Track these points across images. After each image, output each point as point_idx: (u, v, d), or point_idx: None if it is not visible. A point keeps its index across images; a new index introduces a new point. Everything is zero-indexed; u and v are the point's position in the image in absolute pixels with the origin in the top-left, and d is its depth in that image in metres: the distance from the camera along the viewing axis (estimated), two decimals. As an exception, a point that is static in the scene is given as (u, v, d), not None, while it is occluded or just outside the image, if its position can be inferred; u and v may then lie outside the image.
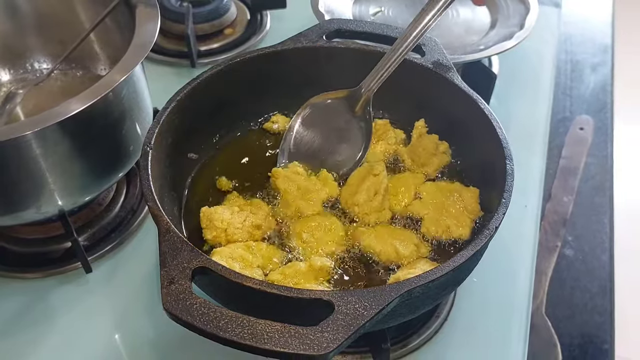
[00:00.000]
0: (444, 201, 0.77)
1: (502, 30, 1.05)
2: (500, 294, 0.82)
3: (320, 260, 0.69)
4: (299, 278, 0.67)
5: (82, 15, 0.86)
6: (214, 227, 0.73)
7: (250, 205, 0.77)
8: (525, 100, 1.09)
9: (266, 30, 1.23)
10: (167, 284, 0.58)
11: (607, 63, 1.34)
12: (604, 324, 0.92)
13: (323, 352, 0.53)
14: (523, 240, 0.88)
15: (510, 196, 0.67)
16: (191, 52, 1.12)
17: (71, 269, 0.84)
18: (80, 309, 0.81)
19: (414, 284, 0.58)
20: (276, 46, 0.84)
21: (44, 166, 0.71)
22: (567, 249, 1.01)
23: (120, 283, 0.84)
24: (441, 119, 0.82)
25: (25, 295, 0.82)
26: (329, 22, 0.87)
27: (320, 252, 0.72)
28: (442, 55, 0.82)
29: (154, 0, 0.80)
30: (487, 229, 0.63)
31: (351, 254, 0.74)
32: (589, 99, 1.26)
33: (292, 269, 0.68)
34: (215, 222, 0.73)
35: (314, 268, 0.68)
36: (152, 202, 0.65)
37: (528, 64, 1.16)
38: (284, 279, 0.67)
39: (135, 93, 0.78)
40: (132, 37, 0.76)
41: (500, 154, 0.71)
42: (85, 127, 0.71)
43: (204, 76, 0.80)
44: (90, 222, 0.88)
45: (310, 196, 0.77)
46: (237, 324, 0.55)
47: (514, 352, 0.77)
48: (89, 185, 0.78)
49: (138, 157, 0.83)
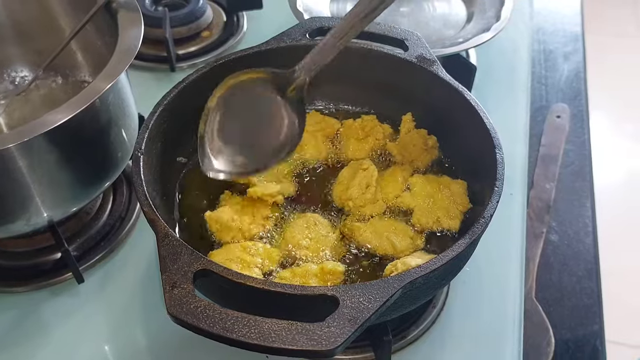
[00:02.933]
0: (433, 193, 0.78)
1: (478, 23, 1.07)
2: (492, 281, 0.84)
3: (333, 264, 0.70)
4: (307, 278, 0.67)
5: (62, 22, 0.85)
6: (228, 228, 0.73)
7: (249, 200, 0.77)
8: (504, 91, 1.11)
9: (243, 31, 1.23)
10: (170, 288, 0.58)
11: (578, 51, 1.37)
12: (592, 306, 0.94)
13: (331, 346, 0.54)
14: (511, 228, 0.90)
15: (502, 184, 0.68)
16: (170, 57, 1.11)
17: (62, 280, 0.83)
18: (74, 320, 0.80)
19: (416, 275, 0.59)
20: (260, 46, 0.84)
21: (32, 177, 0.70)
22: (552, 235, 1.03)
23: (112, 292, 0.83)
24: (427, 112, 0.83)
25: (17, 309, 0.80)
26: (311, 21, 0.87)
27: (320, 254, 0.73)
28: (425, 49, 0.83)
29: (136, 5, 0.79)
30: (483, 217, 0.65)
31: (349, 249, 0.74)
32: (563, 87, 1.28)
33: (303, 269, 0.69)
34: (228, 222, 0.73)
35: (325, 270, 0.69)
36: (147, 208, 0.65)
37: (504, 55, 1.17)
38: (293, 277, 0.67)
39: (120, 99, 0.78)
40: (114, 43, 0.75)
41: (489, 143, 0.73)
42: (73, 135, 0.70)
43: (190, 79, 0.79)
44: (79, 231, 0.87)
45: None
46: (243, 324, 0.55)
47: (510, 337, 0.78)
48: (79, 195, 0.77)
49: (126, 163, 0.83)
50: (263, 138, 0.71)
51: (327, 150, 0.85)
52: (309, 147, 0.84)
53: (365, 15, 0.65)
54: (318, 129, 0.86)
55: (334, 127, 0.86)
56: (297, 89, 0.69)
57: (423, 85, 0.82)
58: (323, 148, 0.85)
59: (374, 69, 0.85)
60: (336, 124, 0.87)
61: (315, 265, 0.69)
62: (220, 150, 0.70)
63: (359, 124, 0.85)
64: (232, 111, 0.71)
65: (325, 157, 0.85)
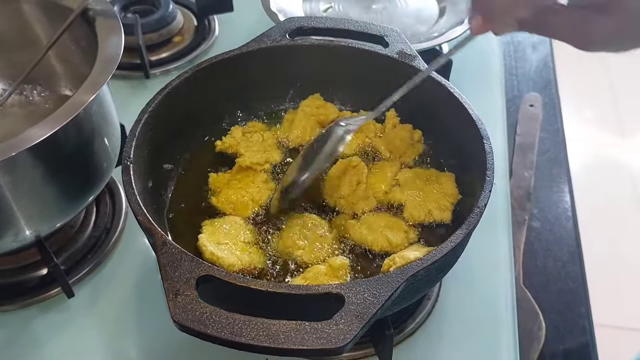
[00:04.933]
0: (423, 187, 0.79)
1: (451, 17, 1.08)
2: (483, 270, 0.85)
3: (339, 259, 0.70)
4: (321, 280, 0.67)
5: (38, 33, 0.82)
6: (241, 203, 0.78)
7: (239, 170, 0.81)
8: (479, 83, 1.13)
9: (215, 35, 1.22)
10: (173, 296, 0.57)
11: (545, 41, 1.40)
12: (578, 289, 0.97)
13: (341, 343, 0.54)
14: (498, 217, 0.91)
15: (493, 174, 0.69)
16: (144, 64, 1.09)
17: (50, 295, 0.81)
18: (66, 336, 0.78)
19: (418, 267, 0.59)
20: (241, 48, 0.84)
21: (18, 192, 0.68)
22: (534, 222, 1.05)
23: (103, 304, 0.82)
24: (412, 107, 0.83)
25: (7, 328, 0.78)
26: (290, 21, 0.87)
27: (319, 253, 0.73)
28: (405, 44, 0.84)
29: (113, 12, 0.78)
30: (477, 207, 0.66)
31: (346, 247, 0.74)
32: (534, 77, 1.31)
33: (312, 272, 0.69)
34: (237, 197, 0.78)
35: (334, 267, 0.69)
36: (142, 217, 0.64)
37: (477, 48, 1.19)
38: (306, 282, 0.67)
39: (103, 109, 0.76)
40: (94, 52, 0.74)
41: (476, 134, 0.74)
42: (59, 148, 0.69)
43: (173, 84, 0.79)
44: (64, 245, 0.85)
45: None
46: (251, 327, 0.55)
47: (505, 323, 0.80)
48: (67, 207, 0.75)
49: (111, 173, 0.82)
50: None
51: (314, 135, 0.86)
52: (297, 127, 0.85)
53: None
54: (314, 113, 0.87)
55: (330, 115, 0.87)
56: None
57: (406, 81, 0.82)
58: (310, 132, 0.86)
59: (355, 67, 0.85)
60: (334, 113, 0.87)
61: (322, 266, 0.69)
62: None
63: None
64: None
65: (309, 141, 0.85)
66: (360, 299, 0.57)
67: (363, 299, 0.57)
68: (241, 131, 0.84)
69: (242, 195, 0.77)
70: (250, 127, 0.86)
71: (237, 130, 0.85)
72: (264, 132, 0.85)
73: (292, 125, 0.86)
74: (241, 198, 0.77)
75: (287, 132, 0.86)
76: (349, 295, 0.57)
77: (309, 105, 0.87)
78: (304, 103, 0.87)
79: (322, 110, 0.87)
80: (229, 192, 0.78)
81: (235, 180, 0.79)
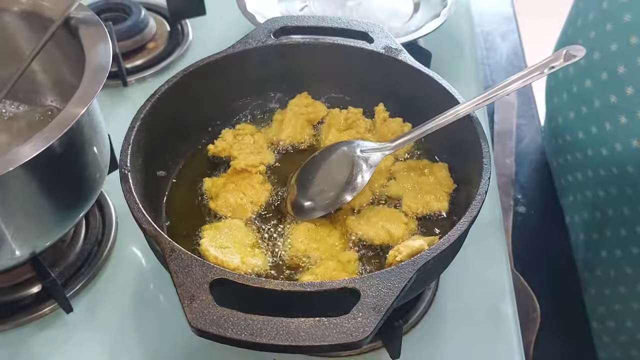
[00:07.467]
0: (418, 179, 0.80)
1: (427, 10, 1.10)
2: (480, 256, 0.86)
3: (348, 254, 0.70)
4: (331, 275, 0.67)
5: (19, 44, 0.80)
6: (240, 206, 0.77)
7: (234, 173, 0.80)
8: (457, 74, 1.14)
9: (190, 39, 1.21)
10: (189, 302, 0.56)
11: (513, 31, 1.43)
12: (567, 268, 1.00)
13: (362, 337, 0.54)
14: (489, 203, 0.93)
15: (490, 161, 0.70)
16: (122, 72, 1.08)
17: (46, 312, 0.80)
18: (67, 352, 0.77)
19: (428, 257, 0.60)
20: (227, 50, 0.83)
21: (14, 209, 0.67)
22: (519, 207, 1.08)
23: (101, 317, 0.80)
24: (401, 100, 0.84)
25: (4, 349, 0.77)
26: (273, 21, 0.87)
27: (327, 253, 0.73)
28: (390, 39, 0.85)
29: (97, 19, 0.76)
30: (479, 194, 0.67)
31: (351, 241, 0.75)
32: (505, 66, 1.34)
33: (321, 268, 0.69)
34: (236, 200, 0.77)
35: (343, 262, 0.69)
36: (147, 225, 0.63)
37: (451, 40, 1.21)
38: (316, 279, 0.67)
39: (93, 119, 0.75)
40: (80, 62, 0.73)
41: (468, 123, 0.75)
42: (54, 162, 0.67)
43: (163, 89, 0.78)
44: (57, 260, 0.83)
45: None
46: (271, 327, 0.54)
47: (504, 306, 0.81)
48: (62, 221, 0.74)
49: (104, 183, 0.81)
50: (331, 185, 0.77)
51: (305, 134, 0.86)
52: (287, 127, 0.85)
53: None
54: (303, 112, 0.87)
55: (319, 114, 0.87)
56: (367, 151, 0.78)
57: (393, 75, 0.83)
58: (300, 131, 0.86)
59: (342, 64, 0.86)
60: (323, 111, 0.87)
61: (330, 261, 0.70)
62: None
63: (343, 114, 0.85)
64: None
65: (300, 141, 0.86)
66: (375, 292, 0.57)
67: (378, 291, 0.57)
68: (232, 134, 0.84)
69: (240, 198, 0.77)
70: (241, 130, 0.85)
71: (228, 133, 0.84)
72: (255, 134, 0.85)
73: (282, 125, 0.86)
74: (240, 201, 0.77)
75: (277, 133, 0.86)
76: (364, 289, 0.57)
77: (298, 105, 0.87)
78: (293, 102, 0.87)
79: (311, 109, 0.87)
80: (227, 195, 0.77)
81: (231, 184, 0.79)
